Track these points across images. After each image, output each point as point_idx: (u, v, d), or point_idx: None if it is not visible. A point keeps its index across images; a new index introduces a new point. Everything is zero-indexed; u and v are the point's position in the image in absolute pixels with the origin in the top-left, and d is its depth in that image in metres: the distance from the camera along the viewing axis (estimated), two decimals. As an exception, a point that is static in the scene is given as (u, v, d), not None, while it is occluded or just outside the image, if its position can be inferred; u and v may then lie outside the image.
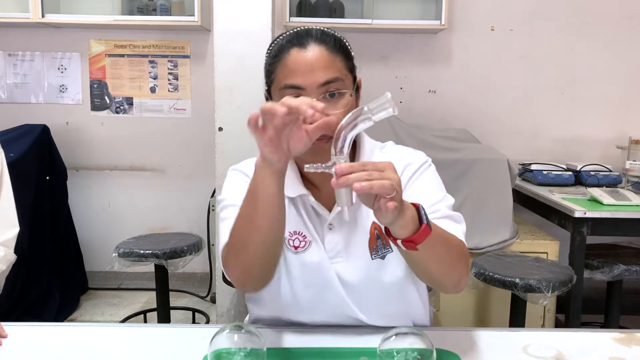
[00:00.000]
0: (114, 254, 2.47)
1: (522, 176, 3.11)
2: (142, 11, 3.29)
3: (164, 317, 2.65)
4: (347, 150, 0.88)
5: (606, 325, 2.62)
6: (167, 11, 3.27)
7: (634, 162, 2.75)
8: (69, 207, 3.43)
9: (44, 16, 3.15)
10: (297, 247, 1.15)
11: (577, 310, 2.44)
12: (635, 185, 2.70)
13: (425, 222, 0.92)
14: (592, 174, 2.90)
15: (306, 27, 1.11)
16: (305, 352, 1.07)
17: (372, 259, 1.14)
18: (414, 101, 3.42)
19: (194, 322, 3.12)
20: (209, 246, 3.35)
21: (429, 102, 3.43)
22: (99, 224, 3.58)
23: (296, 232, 1.15)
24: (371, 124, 0.89)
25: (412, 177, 1.16)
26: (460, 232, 1.10)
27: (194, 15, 3.13)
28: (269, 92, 1.15)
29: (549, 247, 2.62)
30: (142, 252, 2.45)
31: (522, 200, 2.95)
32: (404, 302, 1.21)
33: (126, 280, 3.60)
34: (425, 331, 0.97)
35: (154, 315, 2.82)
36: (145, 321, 2.99)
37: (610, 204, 2.43)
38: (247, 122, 0.89)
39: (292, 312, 1.18)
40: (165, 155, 3.56)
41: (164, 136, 3.54)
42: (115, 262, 2.46)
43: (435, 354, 0.94)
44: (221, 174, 2.32)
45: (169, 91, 3.52)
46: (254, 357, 0.94)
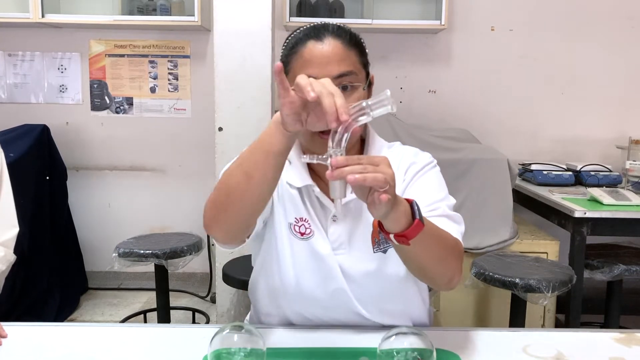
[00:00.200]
0: (114, 254, 2.47)
1: (522, 176, 3.11)
2: (142, 11, 3.29)
3: (164, 317, 2.65)
4: (344, 144, 0.88)
5: (606, 325, 2.62)
6: (167, 11, 3.27)
7: (634, 162, 2.75)
8: (69, 207, 3.43)
9: (44, 16, 3.15)
10: (303, 234, 1.17)
11: (577, 310, 2.44)
12: (635, 185, 2.70)
13: (418, 217, 0.93)
14: (592, 174, 2.90)
15: (324, 22, 1.14)
16: (305, 352, 1.07)
17: (374, 252, 1.16)
18: (414, 101, 3.42)
19: (194, 322, 3.12)
20: (209, 246, 3.34)
21: (429, 102, 3.43)
22: (99, 224, 3.58)
23: (302, 218, 1.17)
24: (369, 120, 0.90)
25: (415, 176, 1.17)
26: (456, 231, 1.11)
27: (194, 15, 3.13)
28: None
29: (549, 247, 2.62)
30: (142, 252, 2.44)
31: (522, 200, 2.95)
32: (405, 299, 1.22)
33: (126, 280, 3.60)
34: (425, 331, 0.98)
35: (154, 315, 2.82)
36: (145, 321, 2.99)
37: (610, 204, 2.43)
38: (274, 68, 0.88)
39: (295, 301, 1.19)
40: (165, 155, 3.56)
41: (164, 136, 3.54)
42: (115, 262, 2.46)
43: (435, 354, 0.94)
44: (221, 174, 2.31)
45: (169, 91, 3.52)
46: (254, 357, 0.94)
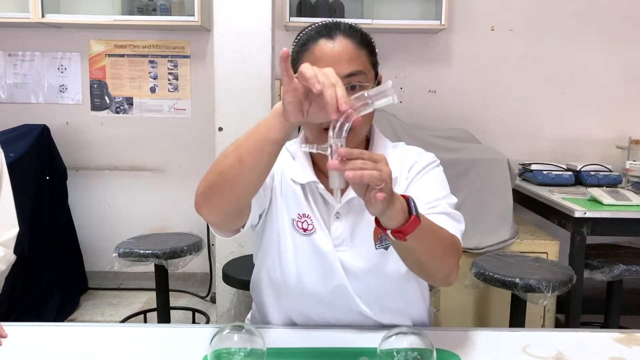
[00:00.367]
0: (114, 254, 2.47)
1: (522, 176, 3.11)
2: (142, 11, 3.29)
3: (164, 317, 2.65)
4: (344, 134, 0.88)
5: (606, 325, 2.62)
6: (167, 11, 3.27)
7: (634, 162, 2.75)
8: (69, 207, 3.43)
9: (44, 16, 3.15)
10: (305, 230, 1.17)
11: (577, 310, 2.44)
12: (635, 185, 2.70)
13: (414, 213, 0.93)
14: (592, 174, 2.90)
15: (335, 21, 1.14)
16: (305, 352, 1.07)
17: (376, 249, 1.16)
18: (414, 101, 3.42)
19: (194, 322, 3.12)
20: (209, 246, 3.35)
21: (429, 102, 3.43)
22: (99, 224, 3.58)
23: (305, 214, 1.18)
24: (371, 110, 0.90)
25: (418, 174, 1.18)
26: (455, 228, 1.12)
27: (194, 15, 3.13)
28: None
29: (549, 247, 2.62)
30: (142, 252, 2.44)
31: (522, 200, 2.95)
32: (405, 296, 1.22)
33: (126, 280, 3.60)
34: (425, 331, 0.98)
35: (154, 315, 2.82)
36: (145, 321, 2.99)
37: (610, 204, 2.43)
38: (280, 54, 0.87)
39: (296, 297, 1.19)
40: (165, 155, 3.56)
41: (164, 136, 3.54)
42: (115, 262, 2.46)
43: (435, 354, 0.94)
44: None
45: (169, 91, 3.52)
46: (254, 357, 0.94)
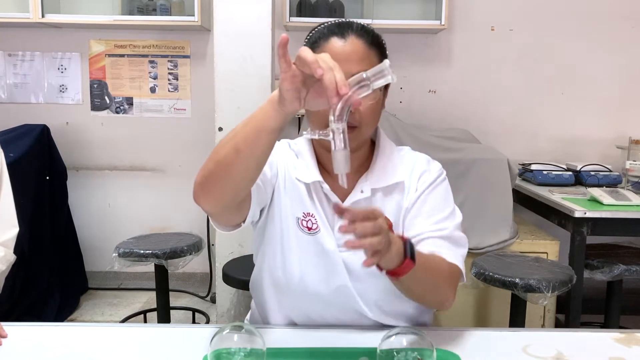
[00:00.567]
0: (114, 254, 2.47)
1: (522, 176, 3.10)
2: (142, 11, 3.29)
3: (164, 317, 2.65)
4: (345, 117, 0.88)
5: (606, 325, 2.62)
6: (167, 11, 3.27)
7: (634, 162, 2.75)
8: (69, 207, 3.43)
9: (44, 16, 3.15)
10: (310, 229, 1.18)
11: (577, 310, 2.44)
12: (635, 185, 2.70)
13: (409, 256, 0.97)
14: (592, 174, 2.90)
15: (348, 20, 1.16)
16: (305, 352, 1.07)
17: None
18: (414, 101, 3.42)
19: (194, 322, 3.12)
20: (209, 246, 3.35)
21: (429, 102, 3.43)
22: (99, 224, 3.58)
23: (309, 214, 1.18)
24: (370, 92, 0.90)
25: (428, 188, 1.19)
26: (456, 255, 1.14)
27: (194, 15, 3.13)
28: None
29: (549, 247, 2.62)
30: (142, 252, 2.44)
31: (522, 200, 2.95)
32: (407, 299, 1.21)
33: (126, 280, 3.60)
34: (425, 331, 0.98)
35: (154, 315, 2.82)
36: (145, 321, 2.99)
37: (610, 204, 2.43)
38: (280, 40, 0.85)
39: (297, 296, 1.19)
40: (165, 155, 3.56)
41: (164, 136, 3.54)
42: (115, 262, 2.46)
43: (435, 354, 0.94)
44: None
45: (169, 91, 3.52)
46: (254, 357, 0.94)
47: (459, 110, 3.41)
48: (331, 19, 1.19)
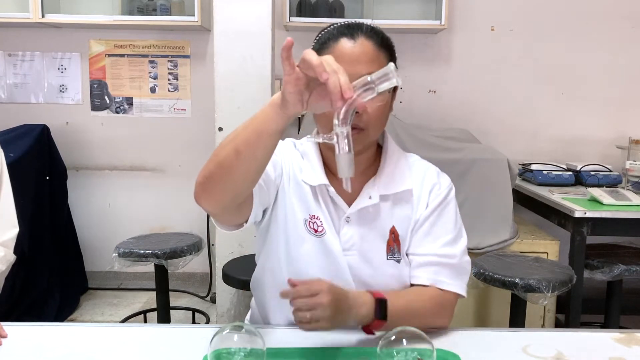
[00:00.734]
0: (114, 254, 2.47)
1: (522, 176, 3.10)
2: (142, 11, 3.29)
3: (164, 317, 2.65)
4: (350, 120, 0.88)
5: (606, 325, 2.62)
6: (167, 11, 3.27)
7: (634, 162, 2.75)
8: (69, 207, 3.43)
9: (44, 16, 3.15)
10: (316, 231, 1.18)
11: (577, 310, 2.44)
12: (635, 185, 2.70)
13: (378, 317, 1.04)
14: (592, 174, 2.90)
15: (358, 22, 1.15)
16: (305, 352, 1.07)
17: (387, 259, 1.18)
18: (414, 101, 3.42)
19: (194, 322, 3.12)
20: (209, 246, 3.35)
21: (429, 102, 3.43)
22: (99, 224, 3.58)
23: (315, 216, 1.18)
24: (374, 95, 0.90)
25: (439, 206, 1.20)
26: (457, 284, 1.18)
27: (194, 15, 3.13)
28: None
29: (549, 247, 2.62)
30: (142, 252, 2.44)
31: (522, 200, 2.95)
32: None
33: (126, 280, 3.60)
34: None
35: (154, 315, 2.82)
36: (145, 321, 2.99)
37: (610, 204, 2.43)
38: (285, 43, 0.85)
39: None
40: (165, 155, 3.56)
41: (164, 136, 3.54)
42: (115, 262, 2.46)
43: (435, 354, 0.94)
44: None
45: (169, 91, 3.52)
46: (254, 357, 0.94)
47: (459, 110, 3.41)
48: (341, 20, 1.19)
